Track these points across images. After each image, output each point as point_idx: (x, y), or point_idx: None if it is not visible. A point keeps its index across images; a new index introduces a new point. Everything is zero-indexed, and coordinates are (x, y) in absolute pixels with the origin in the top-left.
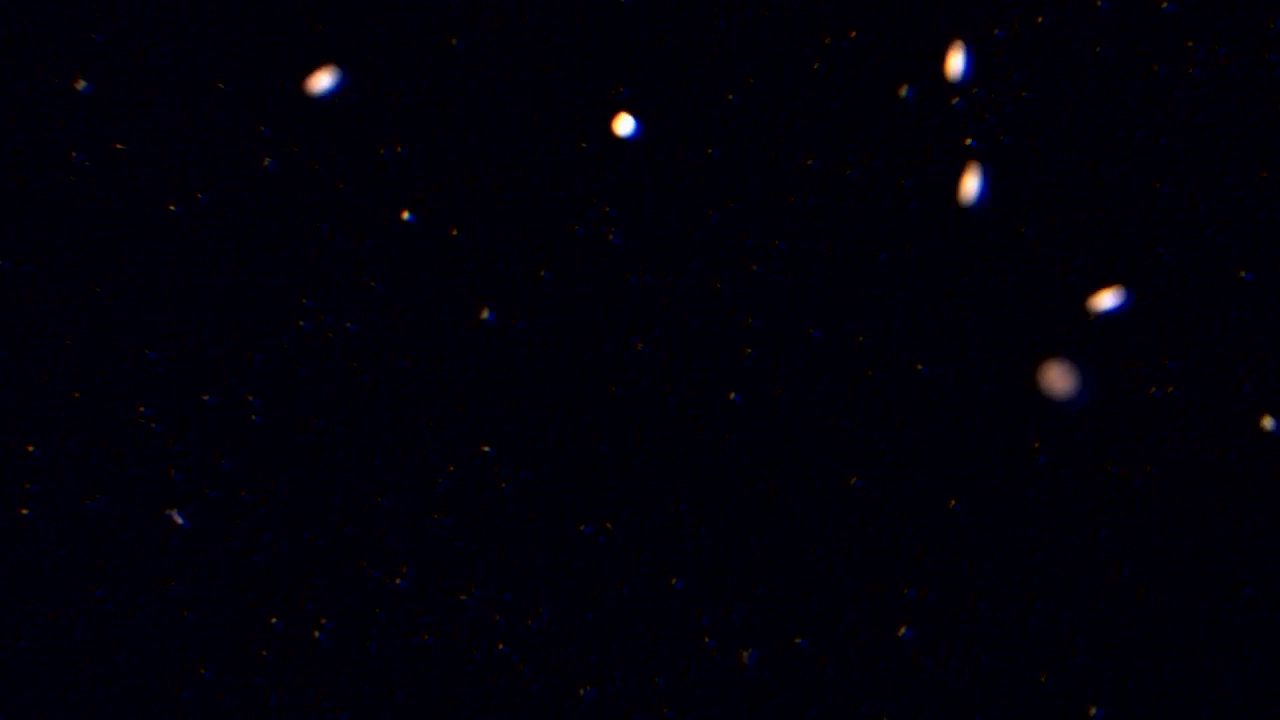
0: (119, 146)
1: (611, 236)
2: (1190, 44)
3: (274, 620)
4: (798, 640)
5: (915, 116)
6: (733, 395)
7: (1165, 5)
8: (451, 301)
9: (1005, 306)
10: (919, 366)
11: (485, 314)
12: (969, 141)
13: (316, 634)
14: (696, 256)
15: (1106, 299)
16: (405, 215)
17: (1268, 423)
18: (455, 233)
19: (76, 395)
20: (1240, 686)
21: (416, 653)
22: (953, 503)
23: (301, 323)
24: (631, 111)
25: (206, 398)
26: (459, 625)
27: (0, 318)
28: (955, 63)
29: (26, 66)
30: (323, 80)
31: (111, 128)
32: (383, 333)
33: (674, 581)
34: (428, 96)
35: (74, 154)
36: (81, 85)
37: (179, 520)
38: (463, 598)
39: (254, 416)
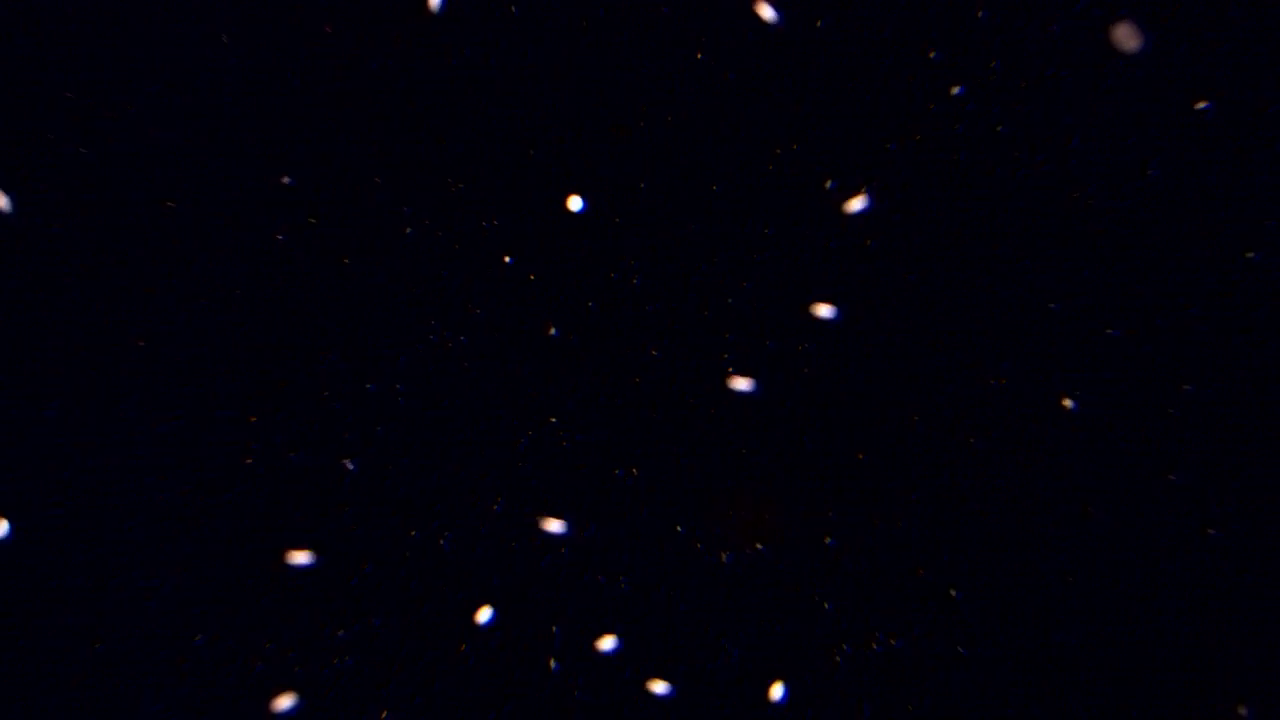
0: (312, 220)
1: (635, 280)
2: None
3: (413, 533)
4: (757, 546)
5: (836, 203)
6: (727, 381)
7: (999, 132)
8: (529, 322)
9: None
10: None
11: (552, 330)
12: (869, 242)
13: (441, 541)
14: (691, 293)
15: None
16: (506, 259)
17: (1067, 403)
18: (532, 278)
19: (284, 384)
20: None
21: (507, 554)
22: (861, 456)
23: (430, 336)
24: (644, 205)
25: (369, 386)
26: (534, 536)
27: (232, 337)
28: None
29: (246, 166)
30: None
31: (306, 212)
32: (484, 343)
33: (676, 508)
34: (515, 188)
35: (279, 236)
36: (286, 180)
37: (350, 466)
38: (535, 518)
39: (400, 399)
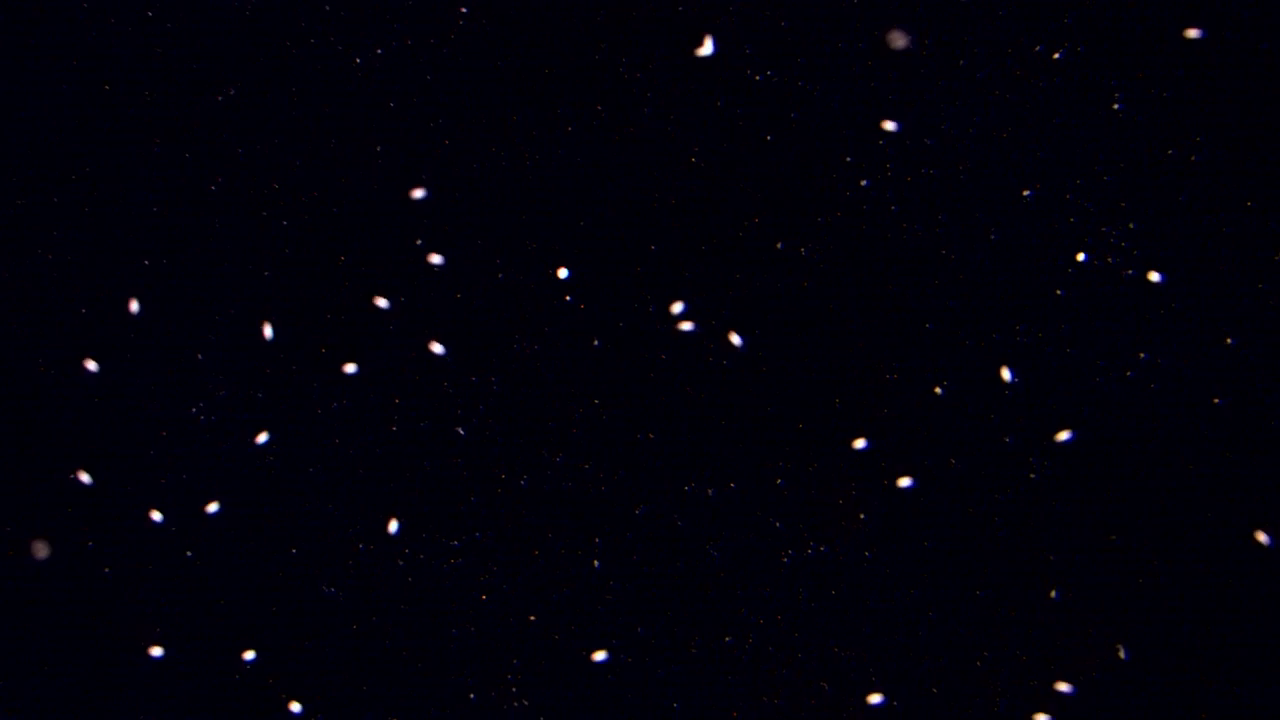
0: (435, 261)
1: (650, 308)
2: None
3: (502, 475)
4: (731, 484)
5: (789, 259)
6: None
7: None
8: (579, 336)
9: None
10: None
11: (595, 342)
12: (805, 284)
13: (521, 482)
14: (687, 319)
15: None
16: (567, 297)
17: (938, 390)
18: (581, 307)
19: (447, 386)
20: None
21: (565, 490)
22: (801, 425)
23: (514, 346)
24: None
25: (472, 378)
26: (584, 478)
27: (376, 338)
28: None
29: (361, 225)
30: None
31: (433, 249)
32: (549, 350)
33: (682, 461)
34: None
35: (401, 299)
36: (416, 241)
37: (461, 432)
38: (585, 466)
39: (494, 386)
